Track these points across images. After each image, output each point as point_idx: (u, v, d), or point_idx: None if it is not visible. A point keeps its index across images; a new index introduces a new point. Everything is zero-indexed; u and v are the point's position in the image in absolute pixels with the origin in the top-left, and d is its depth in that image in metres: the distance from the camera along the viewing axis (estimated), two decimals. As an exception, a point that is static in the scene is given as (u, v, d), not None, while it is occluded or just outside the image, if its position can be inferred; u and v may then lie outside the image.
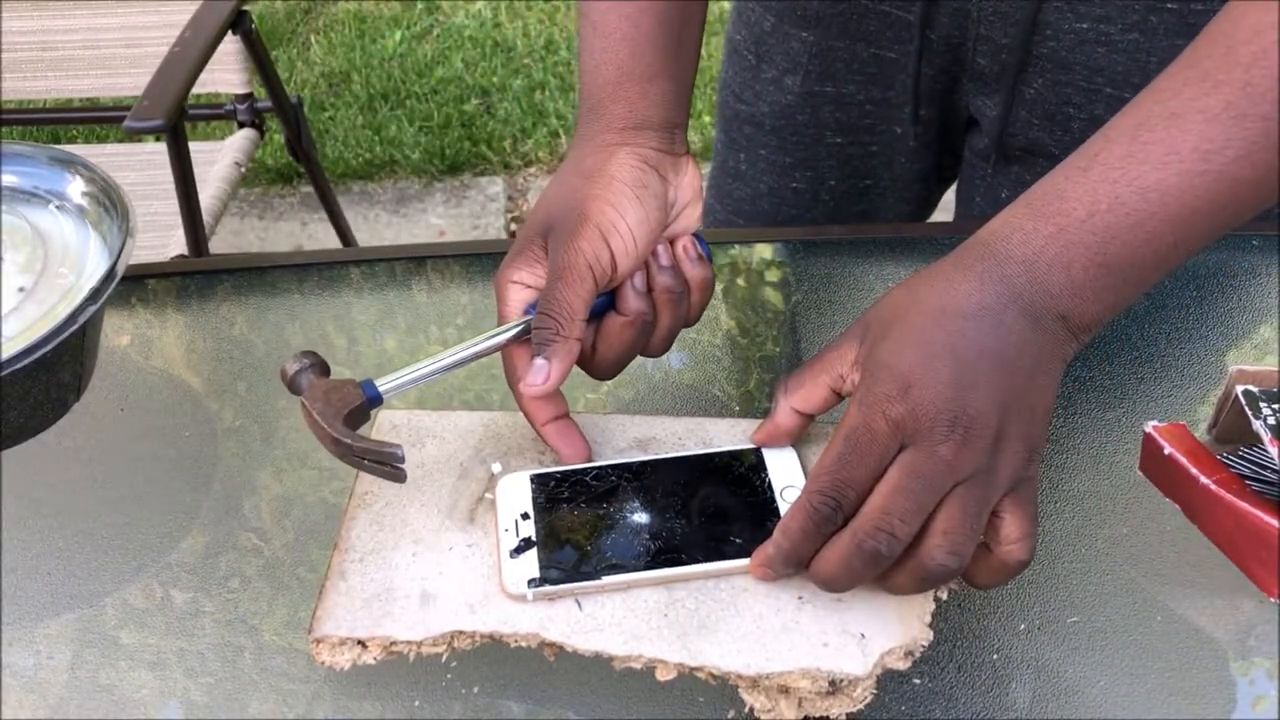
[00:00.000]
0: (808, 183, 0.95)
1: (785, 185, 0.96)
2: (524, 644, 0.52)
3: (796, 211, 0.97)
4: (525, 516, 0.56)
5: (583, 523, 0.56)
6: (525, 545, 0.55)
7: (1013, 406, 0.50)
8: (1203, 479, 0.57)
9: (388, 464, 0.54)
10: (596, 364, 0.61)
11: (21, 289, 0.63)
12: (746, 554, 0.54)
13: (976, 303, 0.51)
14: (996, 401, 0.49)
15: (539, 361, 0.57)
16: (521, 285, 0.60)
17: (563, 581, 0.53)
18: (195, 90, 1.58)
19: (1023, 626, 0.55)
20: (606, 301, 0.61)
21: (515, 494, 0.58)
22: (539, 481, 0.58)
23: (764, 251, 0.77)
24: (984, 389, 0.49)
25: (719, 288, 0.74)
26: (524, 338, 0.59)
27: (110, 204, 0.67)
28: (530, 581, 0.53)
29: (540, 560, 0.54)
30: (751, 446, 0.60)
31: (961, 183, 0.96)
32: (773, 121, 0.94)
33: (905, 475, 0.49)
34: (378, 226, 2.46)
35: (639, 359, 0.62)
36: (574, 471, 0.59)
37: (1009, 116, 0.85)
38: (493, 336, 0.59)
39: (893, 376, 0.50)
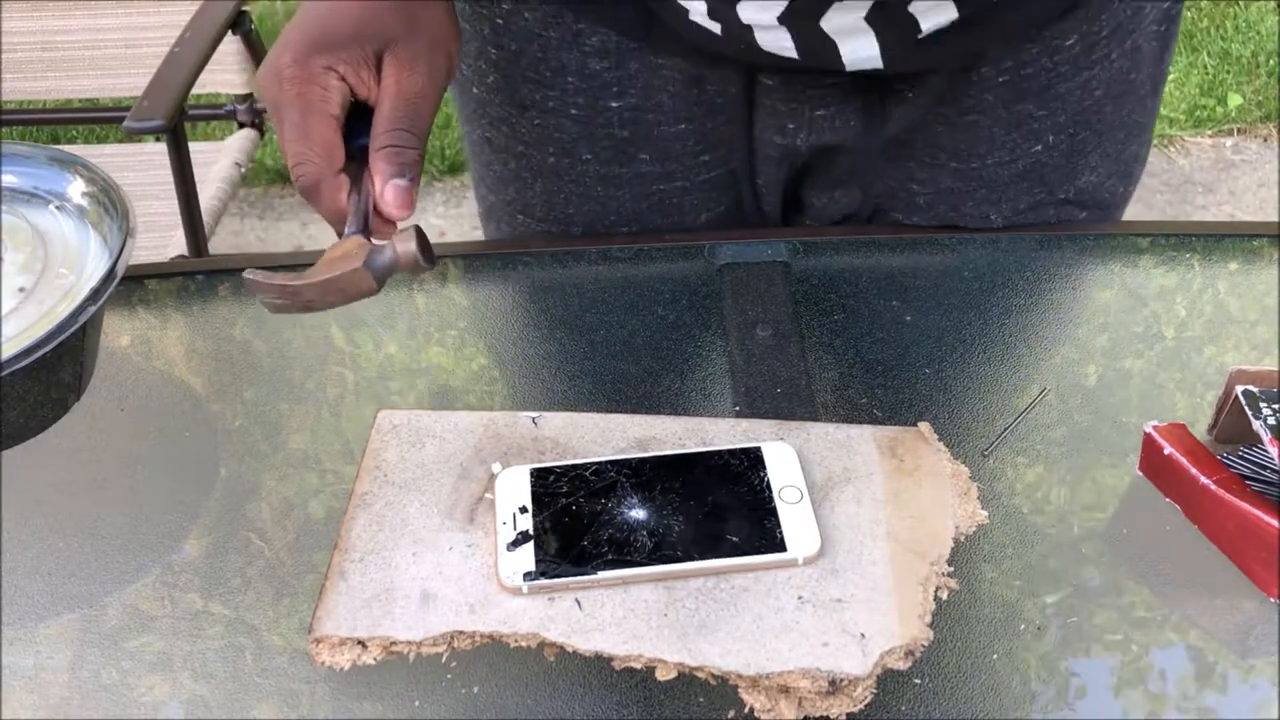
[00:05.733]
0: None
1: None
2: (524, 644, 0.52)
3: None
4: (523, 510, 0.56)
5: (580, 518, 0.56)
6: (522, 539, 0.55)
7: None
8: (1203, 479, 0.57)
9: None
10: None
11: (21, 289, 0.63)
12: (744, 552, 0.54)
13: None
14: None
15: (404, 184, 0.56)
16: (339, 79, 0.57)
17: (558, 576, 0.53)
18: (195, 90, 1.58)
19: (1022, 626, 0.55)
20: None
21: (514, 487, 0.58)
22: (538, 476, 0.58)
23: (762, 252, 0.77)
24: None
25: (720, 287, 0.74)
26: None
27: (110, 204, 0.67)
28: (526, 575, 0.53)
29: (536, 554, 0.54)
30: (752, 445, 0.60)
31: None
32: None
33: None
34: (378, 226, 2.45)
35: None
36: (573, 467, 0.59)
37: (854, 202, 0.83)
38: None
39: None
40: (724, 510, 0.57)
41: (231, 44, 1.72)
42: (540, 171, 0.82)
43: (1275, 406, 0.57)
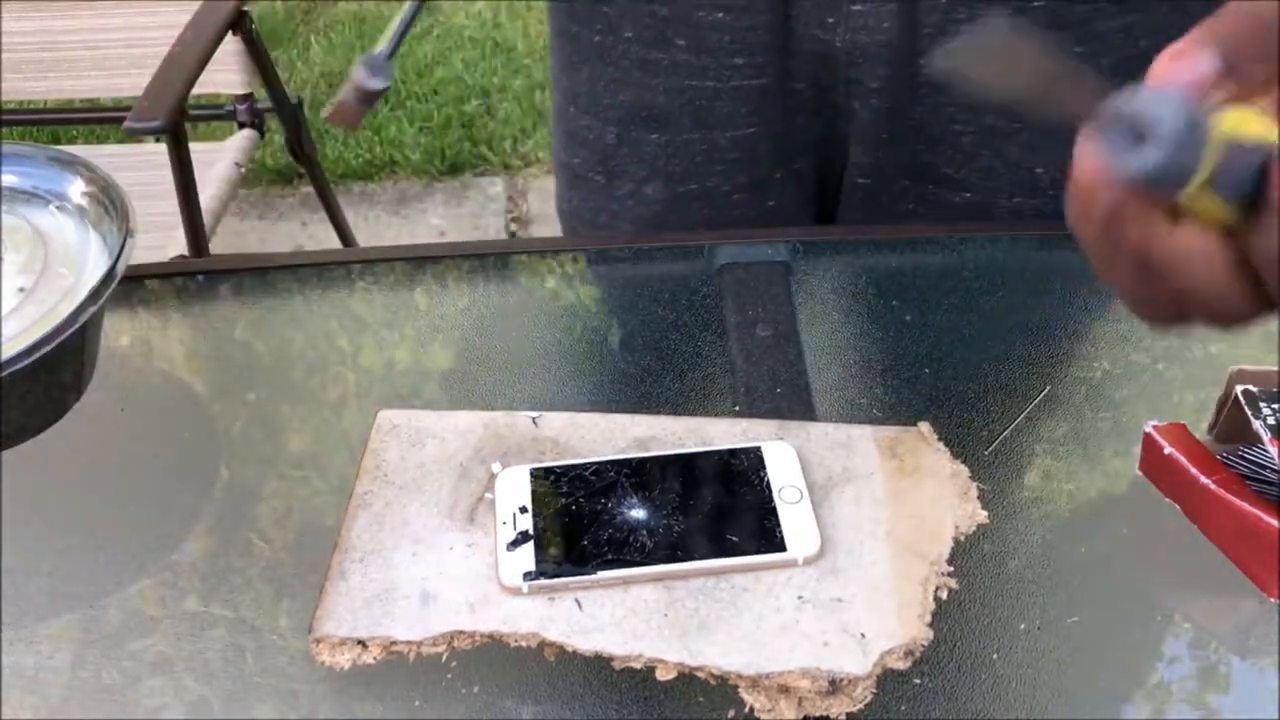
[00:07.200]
0: None
1: None
2: (524, 644, 0.52)
3: None
4: (523, 510, 0.57)
5: (580, 517, 0.56)
6: (522, 538, 0.55)
7: None
8: (1203, 479, 0.57)
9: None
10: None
11: (21, 289, 0.63)
12: (744, 552, 0.54)
13: None
14: None
15: None
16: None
17: (558, 575, 0.53)
18: (195, 91, 1.58)
19: (1022, 626, 0.55)
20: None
21: (514, 487, 0.58)
22: (538, 476, 0.58)
23: (762, 252, 0.77)
24: None
25: (720, 287, 0.74)
26: None
27: (110, 204, 0.67)
28: (526, 575, 0.53)
29: (536, 554, 0.54)
30: (752, 445, 0.60)
31: (843, 218, 0.91)
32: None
33: None
34: (378, 227, 2.46)
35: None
36: (573, 466, 0.59)
37: (892, 150, 0.82)
38: None
39: None
40: (724, 510, 0.57)
41: (231, 44, 1.72)
42: (587, 56, 0.84)
43: (1275, 406, 0.57)
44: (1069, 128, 0.76)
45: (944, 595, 0.54)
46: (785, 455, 0.59)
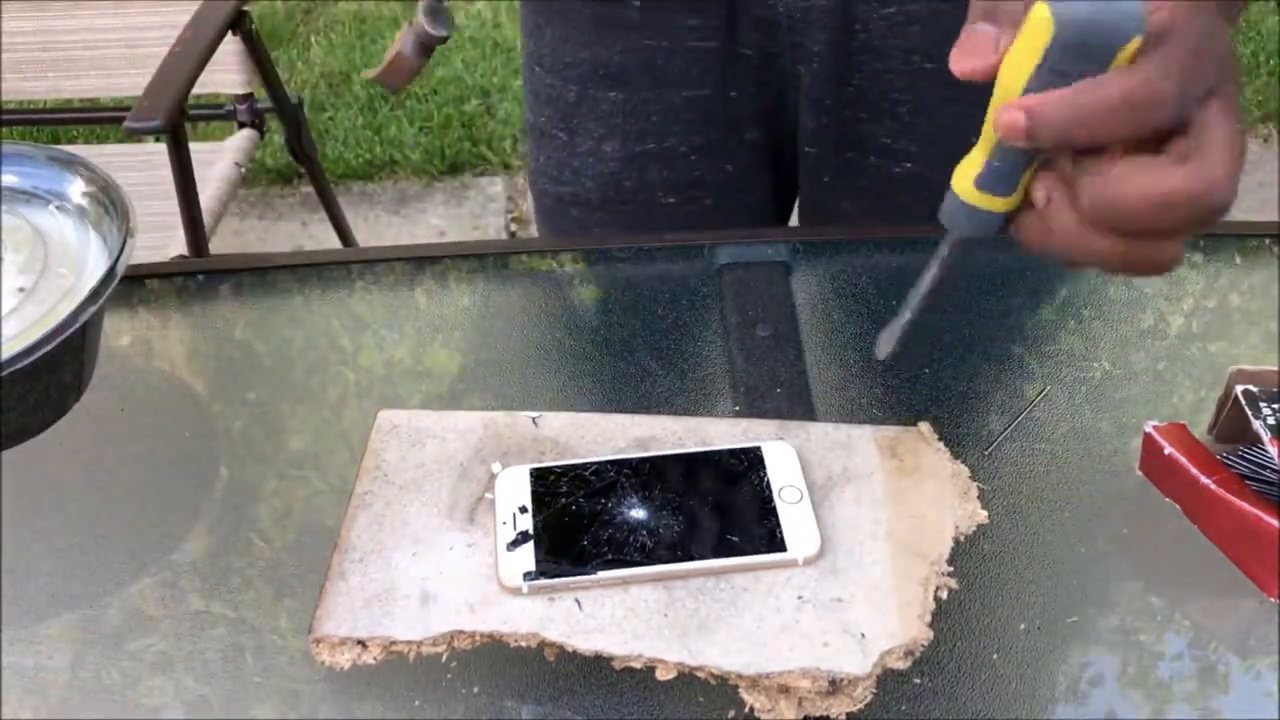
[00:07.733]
0: None
1: None
2: (524, 644, 0.52)
3: None
4: (523, 510, 0.57)
5: (580, 517, 0.56)
6: (522, 538, 0.55)
7: None
8: (1203, 479, 0.57)
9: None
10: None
11: (21, 289, 0.63)
12: (744, 552, 0.54)
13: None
14: None
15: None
16: None
17: (558, 575, 0.53)
18: (195, 90, 1.58)
19: (1022, 626, 0.55)
20: None
21: (514, 487, 0.58)
22: (538, 476, 0.58)
23: (762, 252, 0.77)
24: None
25: (720, 287, 0.74)
26: None
27: (110, 204, 0.67)
28: (526, 575, 0.54)
29: (536, 554, 0.54)
30: (752, 445, 0.60)
31: (802, 189, 0.94)
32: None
33: None
34: (378, 227, 2.46)
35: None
36: (573, 466, 0.59)
37: (836, 116, 0.85)
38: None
39: None
40: (724, 510, 0.57)
41: (231, 44, 1.72)
42: (551, 16, 0.87)
43: (1275, 406, 0.57)
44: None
45: (944, 595, 0.54)
46: (785, 455, 0.59)
